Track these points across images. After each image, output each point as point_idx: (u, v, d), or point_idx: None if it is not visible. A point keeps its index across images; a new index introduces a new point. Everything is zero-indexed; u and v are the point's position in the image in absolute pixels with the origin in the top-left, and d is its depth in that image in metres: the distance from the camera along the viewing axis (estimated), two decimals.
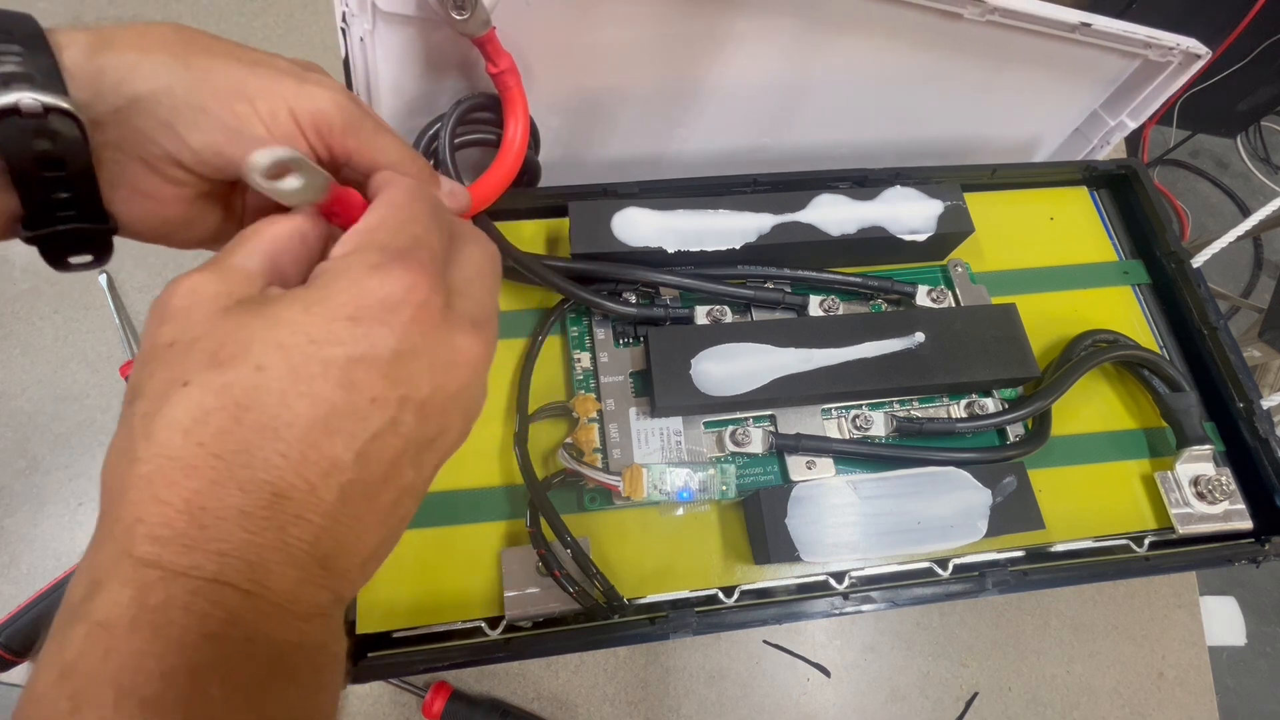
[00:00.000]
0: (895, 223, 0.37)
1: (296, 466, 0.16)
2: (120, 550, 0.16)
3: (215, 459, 0.16)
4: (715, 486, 0.32)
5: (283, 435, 0.16)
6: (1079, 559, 0.35)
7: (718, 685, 0.46)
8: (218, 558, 0.16)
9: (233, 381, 0.16)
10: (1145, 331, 0.41)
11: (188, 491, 0.16)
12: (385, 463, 0.18)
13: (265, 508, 0.16)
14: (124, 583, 0.15)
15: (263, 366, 0.16)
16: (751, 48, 0.37)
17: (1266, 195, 1.50)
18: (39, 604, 0.43)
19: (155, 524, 0.16)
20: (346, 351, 0.17)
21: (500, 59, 0.31)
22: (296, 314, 0.17)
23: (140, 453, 0.16)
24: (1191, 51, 0.39)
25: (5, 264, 0.54)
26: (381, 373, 0.17)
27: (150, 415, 0.16)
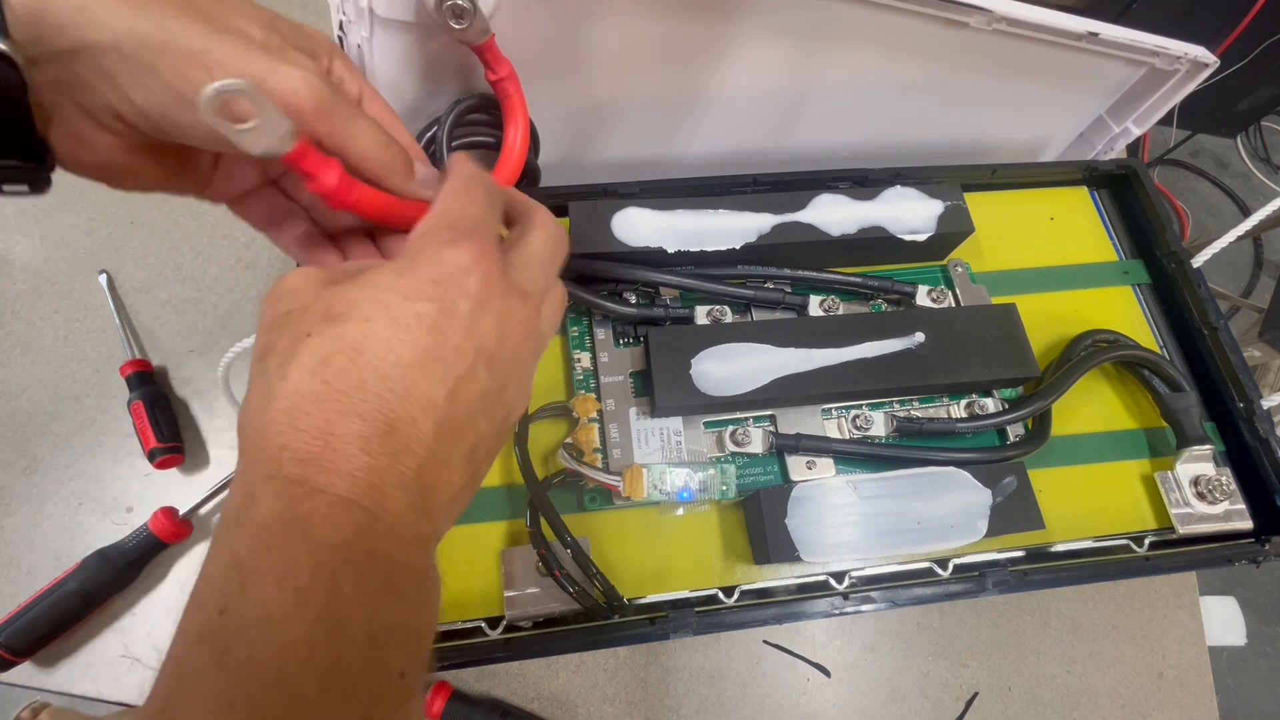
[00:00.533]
0: (895, 223, 0.37)
1: (403, 400, 0.20)
2: (269, 471, 0.18)
3: (339, 393, 0.19)
4: (715, 486, 0.32)
5: (390, 374, 0.19)
6: (1079, 559, 0.35)
7: (718, 685, 0.46)
8: (347, 477, 0.18)
9: (345, 331, 0.19)
10: (1145, 331, 0.41)
11: (319, 420, 0.19)
12: (468, 404, 0.21)
13: (380, 436, 0.19)
14: (276, 495, 0.18)
15: (369, 318, 0.20)
16: (754, 56, 0.37)
17: (1266, 195, 1.50)
18: (39, 604, 0.43)
19: (297, 448, 0.18)
20: (433, 307, 0.20)
21: (499, 66, 0.31)
22: (390, 279, 0.20)
23: (277, 392, 0.19)
24: (1199, 60, 0.39)
25: (5, 264, 0.54)
26: (461, 325, 0.21)
27: (283, 364, 0.19)
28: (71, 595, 0.43)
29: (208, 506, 0.47)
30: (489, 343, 0.21)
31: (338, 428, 0.19)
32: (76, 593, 0.43)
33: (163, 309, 0.53)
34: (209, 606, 0.17)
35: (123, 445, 0.49)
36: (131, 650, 0.44)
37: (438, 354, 0.20)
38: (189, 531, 0.46)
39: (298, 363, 0.19)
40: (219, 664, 0.16)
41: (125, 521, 0.47)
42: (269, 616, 0.17)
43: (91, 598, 0.43)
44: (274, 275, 0.55)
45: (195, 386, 0.51)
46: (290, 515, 0.18)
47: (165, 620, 0.45)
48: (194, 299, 0.54)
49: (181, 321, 0.53)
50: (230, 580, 0.17)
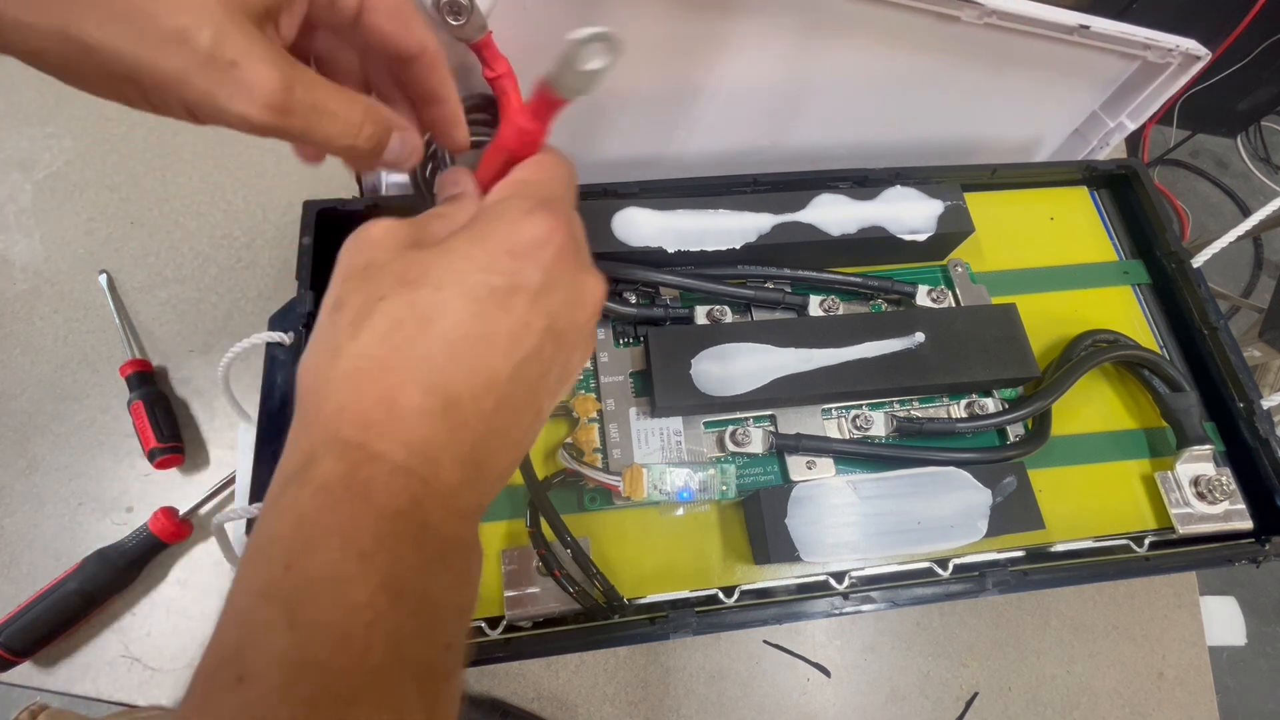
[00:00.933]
0: (895, 223, 0.37)
1: (466, 375, 0.20)
2: (330, 433, 0.18)
3: (405, 362, 0.19)
4: (715, 486, 0.32)
5: (456, 347, 0.19)
6: (1079, 559, 0.35)
7: (718, 685, 0.46)
8: (405, 447, 0.18)
9: (418, 299, 0.19)
10: (1145, 331, 0.41)
11: (383, 388, 0.19)
12: (530, 382, 0.21)
13: (441, 410, 0.19)
14: (337, 458, 0.18)
15: (441, 287, 0.20)
16: (751, 51, 0.37)
17: (1267, 195, 1.50)
18: (39, 604, 0.43)
19: (358, 412, 0.18)
20: (506, 280, 0.20)
21: (497, 63, 0.31)
22: (466, 247, 0.21)
23: (345, 351, 0.19)
24: (1191, 53, 0.39)
25: (5, 264, 0.54)
26: (531, 300, 0.21)
27: (355, 322, 0.19)
28: (71, 595, 0.43)
29: (208, 506, 0.47)
30: (558, 319, 0.21)
31: (400, 397, 0.19)
32: (76, 593, 0.43)
33: (163, 309, 0.53)
34: (275, 562, 0.17)
35: (123, 445, 0.49)
36: (131, 650, 0.44)
37: (506, 329, 0.20)
38: (189, 531, 0.46)
39: (370, 325, 0.19)
40: (289, 623, 0.16)
41: (125, 521, 0.47)
42: (335, 577, 0.17)
43: (91, 598, 0.43)
44: (274, 275, 0.55)
45: (195, 386, 0.51)
46: (351, 479, 0.18)
47: (165, 620, 0.45)
48: (194, 299, 0.54)
49: (181, 321, 0.53)
50: (295, 538, 0.17)
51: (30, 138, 0.58)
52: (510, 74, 0.32)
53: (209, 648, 0.17)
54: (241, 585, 0.17)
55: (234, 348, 0.33)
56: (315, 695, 0.16)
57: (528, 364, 0.21)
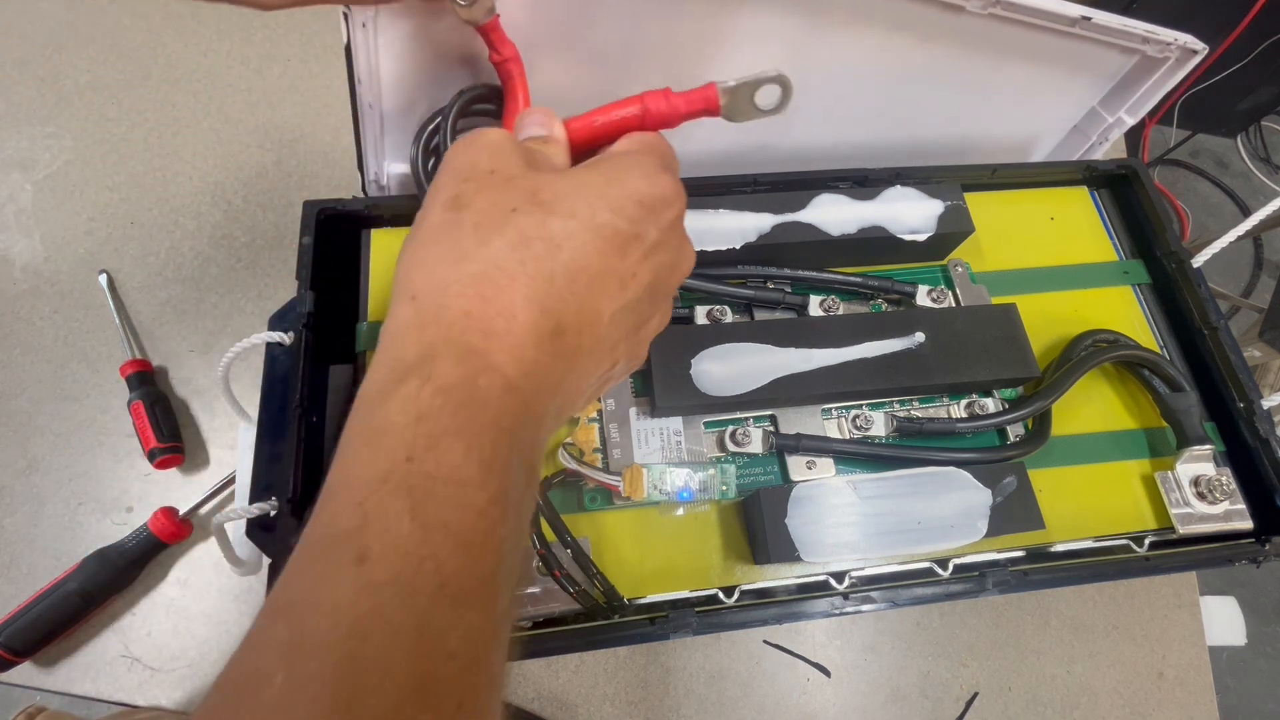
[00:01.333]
0: (895, 222, 0.37)
1: (578, 307, 0.20)
2: (452, 333, 0.19)
3: (530, 279, 0.19)
4: (715, 486, 0.32)
5: (576, 277, 0.20)
6: (1079, 559, 0.35)
7: (718, 685, 0.46)
8: (517, 364, 0.19)
9: (550, 221, 0.20)
10: (1145, 331, 0.41)
11: (507, 300, 0.19)
12: (621, 331, 0.22)
13: (551, 335, 0.19)
14: (456, 361, 0.18)
15: (573, 216, 0.20)
16: (750, 47, 0.37)
17: (1267, 195, 1.50)
18: (39, 604, 0.43)
19: (482, 320, 0.19)
20: (630, 228, 0.21)
21: (504, 47, 0.31)
22: (600, 184, 0.21)
23: (471, 255, 0.19)
24: (1188, 47, 0.39)
25: (5, 264, 0.54)
26: (645, 253, 0.21)
27: (482, 226, 0.20)
28: (71, 595, 0.43)
29: (208, 506, 0.47)
30: (659, 279, 0.22)
31: (521, 312, 0.19)
32: (76, 593, 0.43)
33: (163, 309, 0.53)
34: (394, 452, 0.17)
35: (123, 445, 0.49)
36: (131, 650, 0.44)
37: (618, 275, 0.21)
38: (189, 531, 0.46)
39: (500, 234, 0.19)
40: (412, 515, 0.16)
41: (125, 521, 0.47)
42: (458, 480, 0.17)
43: (91, 598, 0.43)
44: (274, 275, 0.55)
45: (195, 386, 0.51)
46: (472, 386, 0.18)
47: (165, 620, 0.45)
48: (194, 299, 0.54)
49: (181, 321, 0.53)
50: (415, 432, 0.17)
51: (30, 138, 0.58)
52: (517, 58, 0.32)
53: (320, 519, 0.17)
54: (356, 466, 0.17)
55: (234, 348, 0.33)
56: (433, 591, 0.16)
57: (625, 313, 0.22)
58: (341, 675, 0.14)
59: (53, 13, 0.63)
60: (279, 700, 0.14)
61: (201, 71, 0.61)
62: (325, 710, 0.14)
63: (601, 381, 0.23)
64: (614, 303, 0.21)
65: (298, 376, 0.32)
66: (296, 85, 0.62)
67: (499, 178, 0.21)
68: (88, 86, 0.60)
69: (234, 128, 0.60)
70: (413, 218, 0.38)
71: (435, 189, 0.21)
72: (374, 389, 0.19)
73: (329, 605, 0.15)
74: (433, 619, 0.16)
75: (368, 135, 0.36)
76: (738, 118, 0.26)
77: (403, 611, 0.15)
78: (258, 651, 0.15)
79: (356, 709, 0.14)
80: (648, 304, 0.22)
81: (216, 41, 0.63)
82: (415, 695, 0.15)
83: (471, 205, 0.20)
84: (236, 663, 0.16)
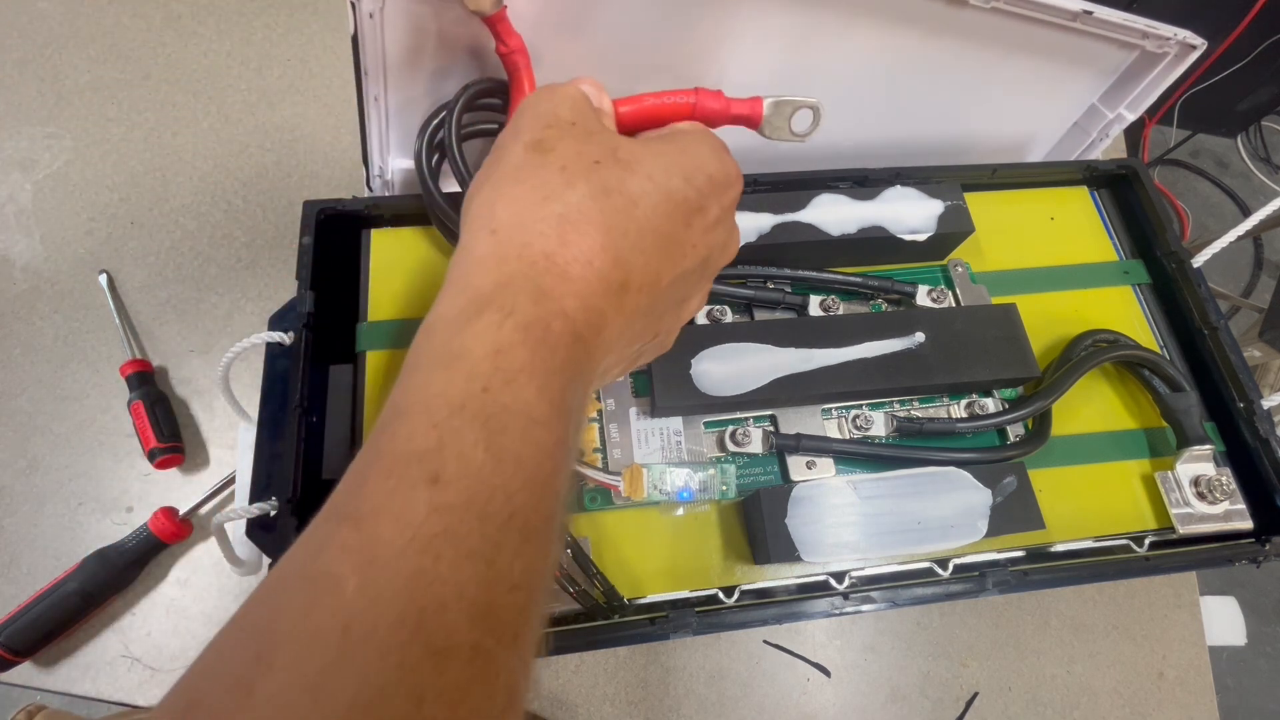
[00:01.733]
0: (895, 222, 0.37)
1: (643, 268, 0.20)
2: (532, 271, 0.19)
3: (608, 230, 0.20)
4: (715, 486, 0.32)
5: (646, 236, 0.20)
6: (1079, 559, 0.35)
7: (718, 685, 0.46)
8: (585, 313, 0.19)
9: (629, 179, 0.21)
10: (1145, 331, 0.41)
11: (587, 245, 0.19)
12: (671, 300, 0.23)
13: (618, 289, 0.20)
14: (533, 301, 0.18)
15: (650, 178, 0.21)
16: (750, 44, 0.37)
17: (1267, 195, 1.50)
18: (39, 604, 0.43)
19: (562, 262, 0.19)
20: (697, 199, 0.22)
21: (510, 39, 0.31)
22: (674, 154, 0.22)
23: (557, 195, 0.20)
24: (1187, 42, 0.39)
25: (5, 264, 0.54)
26: (706, 227, 0.22)
27: (568, 170, 0.20)
28: (71, 595, 0.43)
29: (208, 506, 0.47)
30: (710, 256, 0.23)
31: (597, 259, 0.19)
32: (76, 593, 0.43)
33: (163, 309, 0.53)
34: (471, 380, 0.17)
35: (123, 445, 0.49)
36: (131, 650, 0.44)
37: (681, 241, 0.21)
38: (189, 531, 0.46)
39: (586, 180, 0.20)
40: (486, 447, 0.16)
41: (125, 521, 0.47)
42: (531, 417, 0.17)
43: (91, 598, 0.43)
44: (274, 275, 0.55)
45: (195, 386, 0.51)
46: (546, 328, 0.18)
47: (165, 620, 0.45)
48: (194, 299, 0.54)
49: (181, 321, 0.53)
50: (491, 364, 0.17)
51: (30, 138, 0.58)
52: (523, 50, 0.32)
53: (390, 435, 0.17)
54: (430, 389, 0.17)
55: (234, 348, 0.33)
56: (503, 521, 0.16)
57: (679, 282, 0.22)
58: (413, 589, 0.15)
59: (53, 13, 0.63)
60: (352, 605, 0.14)
61: (201, 71, 0.61)
62: (394, 621, 0.14)
63: (636, 355, 0.23)
64: (673, 269, 0.21)
65: (298, 376, 0.32)
66: (296, 85, 0.62)
67: (580, 130, 0.22)
68: (88, 86, 0.60)
69: (234, 128, 0.60)
70: (413, 218, 0.39)
71: (516, 132, 0.22)
72: (450, 314, 0.19)
73: (402, 521, 0.15)
74: (501, 548, 0.16)
75: (373, 129, 0.36)
76: (773, 135, 0.27)
77: (474, 536, 0.15)
78: (328, 555, 0.15)
79: (427, 624, 0.14)
80: (696, 279, 0.23)
81: (216, 41, 0.63)
82: (481, 620, 0.15)
83: (556, 149, 0.21)
84: (303, 562, 0.16)
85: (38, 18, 0.62)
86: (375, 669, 0.14)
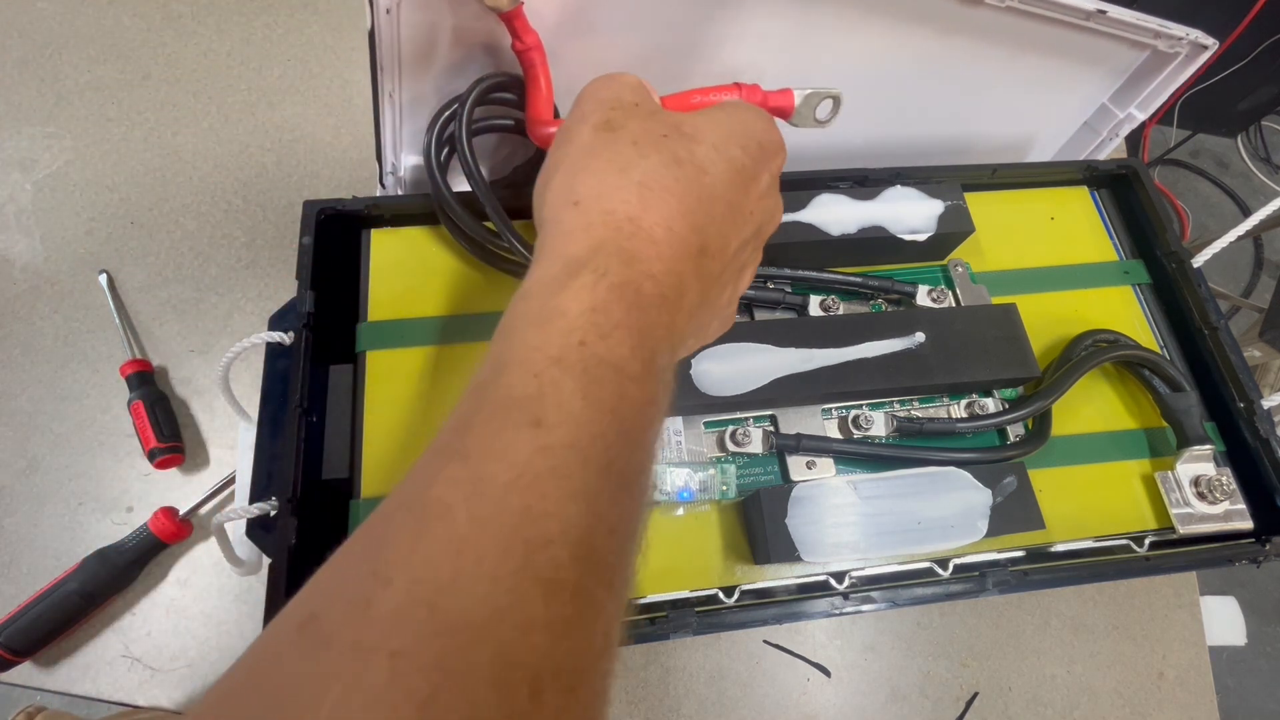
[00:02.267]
0: (895, 222, 0.37)
1: (716, 233, 0.21)
2: (621, 235, 0.20)
3: (683, 196, 0.21)
4: (715, 486, 0.32)
5: (716, 202, 0.21)
6: (1079, 559, 0.35)
7: (718, 685, 0.46)
8: (669, 276, 0.20)
9: (696, 149, 0.22)
10: (1145, 331, 0.41)
11: (666, 211, 0.20)
12: (736, 267, 0.23)
13: (697, 254, 0.21)
14: (623, 264, 0.19)
15: (715, 148, 0.22)
16: (751, 41, 0.37)
17: (1267, 195, 1.50)
18: (39, 604, 0.43)
19: (646, 227, 0.20)
20: (753, 167, 0.23)
21: (527, 35, 0.31)
22: (730, 124, 0.23)
23: (635, 165, 0.21)
24: (1199, 42, 0.39)
25: (5, 264, 0.54)
26: (761, 194, 0.23)
27: (640, 143, 0.21)
28: (71, 595, 0.43)
29: (208, 506, 0.47)
30: (763, 222, 0.24)
31: (677, 224, 0.20)
32: (76, 593, 0.43)
33: (163, 309, 0.53)
34: (568, 335, 0.18)
35: (123, 445, 0.49)
36: (131, 650, 0.44)
37: (741, 207, 0.22)
38: (189, 531, 0.46)
39: (658, 151, 0.21)
40: (584, 396, 0.17)
41: (125, 521, 0.47)
42: (625, 372, 0.18)
43: (91, 598, 0.43)
44: (274, 275, 0.55)
45: (195, 386, 0.51)
46: (637, 289, 0.19)
47: (165, 620, 0.45)
48: (194, 299, 0.54)
49: (181, 321, 0.53)
50: (588, 320, 0.18)
51: (30, 138, 0.58)
52: (539, 47, 0.32)
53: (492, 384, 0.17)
54: (527, 344, 0.18)
55: (234, 348, 0.33)
56: (602, 467, 0.17)
57: (742, 249, 0.23)
58: (519, 525, 0.15)
59: (53, 13, 0.63)
60: (463, 532, 0.15)
61: (201, 71, 0.61)
62: (503, 551, 0.15)
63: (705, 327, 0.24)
64: (738, 235, 0.22)
65: (298, 376, 0.32)
66: (296, 85, 0.62)
67: (644, 109, 0.23)
68: (88, 86, 0.60)
69: (234, 128, 0.60)
70: (413, 217, 0.39)
71: (581, 116, 0.23)
72: (544, 279, 0.19)
73: (507, 460, 0.16)
74: (600, 494, 0.16)
75: (387, 125, 0.36)
76: (799, 123, 0.30)
77: (576, 480, 0.16)
78: (438, 486, 0.16)
79: (534, 558, 0.15)
80: (752, 247, 0.24)
81: (216, 41, 0.63)
82: (583, 560, 0.16)
83: (626, 127, 0.22)
84: (412, 493, 0.16)
85: (38, 18, 0.62)
86: (487, 592, 0.14)
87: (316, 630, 0.14)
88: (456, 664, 0.13)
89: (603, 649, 0.16)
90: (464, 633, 0.14)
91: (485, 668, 0.13)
